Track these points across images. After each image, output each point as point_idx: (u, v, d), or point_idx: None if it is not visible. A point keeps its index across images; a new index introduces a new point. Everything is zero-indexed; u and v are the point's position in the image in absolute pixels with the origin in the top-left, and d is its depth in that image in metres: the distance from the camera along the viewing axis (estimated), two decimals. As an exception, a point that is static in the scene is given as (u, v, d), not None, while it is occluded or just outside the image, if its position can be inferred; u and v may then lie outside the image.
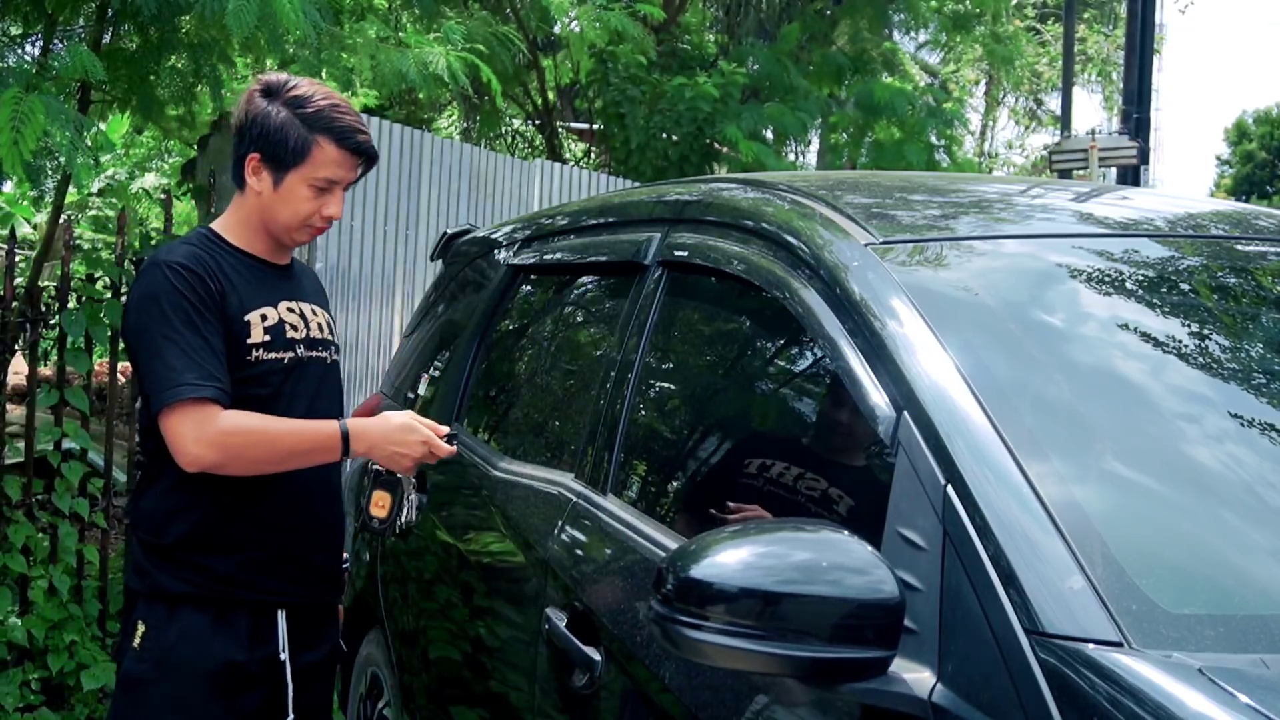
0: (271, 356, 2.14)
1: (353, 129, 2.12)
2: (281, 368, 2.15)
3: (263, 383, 2.13)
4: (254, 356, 2.12)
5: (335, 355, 2.30)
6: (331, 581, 2.31)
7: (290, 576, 2.20)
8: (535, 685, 2.02)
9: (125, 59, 4.70)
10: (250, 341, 2.12)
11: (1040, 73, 21.31)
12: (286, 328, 2.18)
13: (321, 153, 2.11)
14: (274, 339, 2.15)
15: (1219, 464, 1.47)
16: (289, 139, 2.10)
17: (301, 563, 2.22)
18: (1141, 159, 13.16)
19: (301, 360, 2.19)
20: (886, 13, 11.41)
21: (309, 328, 2.23)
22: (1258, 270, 1.87)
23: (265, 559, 2.16)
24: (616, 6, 8.31)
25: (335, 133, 2.11)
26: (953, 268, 1.76)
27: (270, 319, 2.16)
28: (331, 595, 2.33)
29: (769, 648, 1.26)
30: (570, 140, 13.51)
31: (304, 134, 2.10)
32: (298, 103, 2.11)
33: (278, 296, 2.19)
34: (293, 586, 2.20)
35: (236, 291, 2.12)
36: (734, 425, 1.94)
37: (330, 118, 2.11)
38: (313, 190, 2.13)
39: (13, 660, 3.83)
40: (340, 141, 2.11)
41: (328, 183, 2.13)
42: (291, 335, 2.18)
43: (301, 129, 2.10)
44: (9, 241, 4.03)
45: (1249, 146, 30.82)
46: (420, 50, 5.16)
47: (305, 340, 2.21)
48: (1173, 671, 1.13)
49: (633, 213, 2.45)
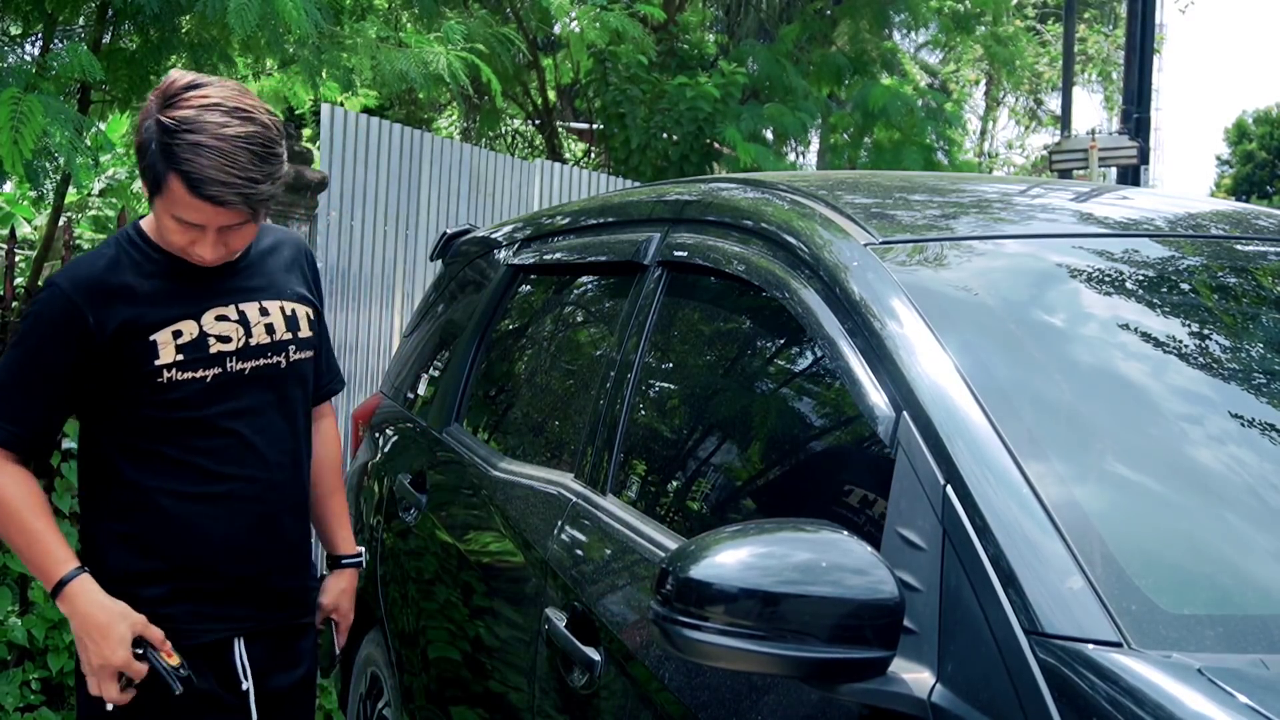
0: (188, 376, 1.94)
1: (205, 178, 1.78)
2: (204, 386, 1.95)
3: (183, 405, 1.94)
4: (165, 378, 1.93)
5: (299, 353, 2.08)
6: (297, 604, 2.16)
7: (247, 605, 2.05)
8: (535, 685, 2.02)
9: (125, 59, 4.69)
10: (159, 363, 1.92)
11: (1040, 73, 21.31)
12: (211, 341, 1.96)
13: (173, 193, 1.82)
14: (190, 356, 1.94)
15: (1219, 464, 1.47)
16: (148, 166, 1.83)
17: (259, 590, 2.06)
18: (1141, 159, 13.17)
19: (234, 374, 1.98)
20: (886, 13, 11.41)
21: (250, 334, 2.00)
22: (1258, 270, 1.86)
23: (216, 590, 2.01)
24: (616, 6, 8.31)
25: (185, 177, 1.79)
26: (952, 268, 1.76)
27: (187, 334, 1.94)
28: (297, 618, 2.16)
29: (769, 648, 1.26)
30: (570, 140, 13.51)
31: (160, 165, 1.81)
32: (168, 128, 1.80)
33: (206, 304, 1.97)
34: (250, 614, 2.06)
35: (144, 308, 1.93)
36: (733, 425, 1.94)
37: (184, 158, 1.78)
38: (177, 224, 1.87)
39: (13, 660, 3.83)
40: (190, 188, 1.80)
41: (188, 225, 1.86)
42: (218, 349, 1.97)
43: (160, 159, 1.81)
44: (9, 241, 4.03)
45: (1249, 146, 30.82)
46: (421, 50, 5.16)
47: (240, 350, 1.99)
48: (1172, 672, 1.13)
49: (633, 213, 2.45)
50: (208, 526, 1.98)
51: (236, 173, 1.80)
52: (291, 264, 2.13)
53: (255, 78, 6.81)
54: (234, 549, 2.01)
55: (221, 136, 1.79)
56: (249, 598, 2.05)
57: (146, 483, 1.98)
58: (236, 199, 1.81)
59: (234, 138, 1.80)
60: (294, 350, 2.08)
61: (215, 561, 2.00)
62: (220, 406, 1.98)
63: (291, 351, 2.07)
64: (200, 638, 2.01)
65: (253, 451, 2.02)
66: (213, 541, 1.99)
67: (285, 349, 2.06)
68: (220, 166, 1.79)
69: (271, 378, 2.04)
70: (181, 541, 1.98)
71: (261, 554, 2.05)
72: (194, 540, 1.98)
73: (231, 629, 2.04)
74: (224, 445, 1.99)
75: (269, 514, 2.04)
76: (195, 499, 1.98)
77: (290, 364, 2.07)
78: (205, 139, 1.79)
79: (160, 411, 1.95)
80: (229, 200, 1.81)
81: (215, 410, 1.97)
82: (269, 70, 6.40)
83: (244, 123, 1.82)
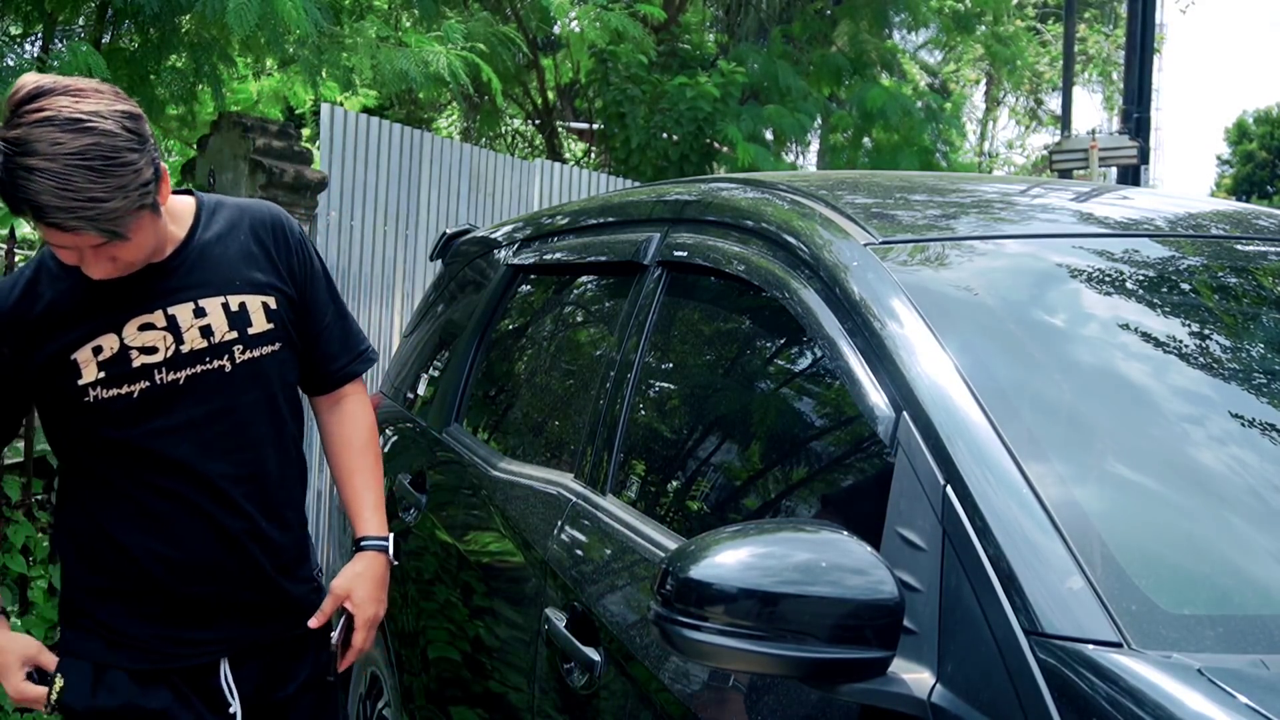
0: (113, 394, 1.81)
1: (44, 206, 1.60)
2: (133, 403, 1.82)
3: (115, 423, 1.82)
4: (91, 397, 1.81)
5: (250, 351, 1.89)
6: (292, 614, 2.01)
7: (222, 625, 1.92)
8: (535, 685, 2.02)
9: (125, 58, 4.70)
10: (81, 382, 1.80)
11: (1040, 72, 21.32)
12: (133, 354, 1.81)
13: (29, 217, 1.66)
14: (112, 373, 1.81)
15: (1219, 464, 1.47)
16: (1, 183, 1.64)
17: (232, 607, 1.92)
18: (1141, 159, 13.19)
19: (165, 386, 1.83)
20: (886, 13, 11.42)
21: (181, 340, 1.83)
22: (1258, 270, 1.86)
23: (179, 611, 1.89)
24: (617, 6, 8.31)
25: (27, 205, 1.62)
26: (952, 268, 1.76)
27: (108, 349, 1.80)
28: (295, 628, 2.01)
29: (768, 648, 1.25)
30: (570, 140, 13.51)
31: (6, 190, 1.64)
32: (4, 151, 1.61)
33: (128, 313, 1.82)
34: (230, 635, 1.93)
35: (62, 329, 1.81)
36: (733, 425, 1.94)
37: (20, 184, 1.60)
38: (56, 246, 1.72)
39: (12, 660, 3.83)
40: (36, 217, 1.63)
41: (58, 246, 1.71)
42: (143, 361, 1.81)
43: (4, 183, 1.63)
44: (9, 241, 4.03)
45: (1249, 146, 30.83)
46: (421, 50, 5.16)
47: (171, 360, 1.83)
48: (1172, 672, 1.13)
49: (632, 213, 2.45)
50: (153, 546, 1.86)
51: (72, 195, 1.60)
52: (246, 249, 1.92)
53: (255, 77, 6.81)
54: (188, 568, 1.88)
55: (52, 156, 1.59)
56: (222, 617, 1.92)
57: (90, 503, 1.89)
58: (80, 223, 1.62)
59: (67, 155, 1.60)
60: (241, 350, 1.88)
61: (169, 582, 1.87)
62: (155, 423, 1.83)
63: (238, 352, 1.88)
64: (177, 662, 1.91)
65: (199, 466, 1.86)
66: (161, 562, 1.87)
67: (228, 351, 1.87)
68: (54, 190, 1.59)
69: (215, 385, 1.86)
70: (129, 561, 1.87)
71: (222, 571, 1.90)
72: (141, 561, 1.87)
73: (212, 652, 1.93)
74: (162, 463, 1.85)
75: (226, 528, 1.88)
76: (138, 518, 1.87)
77: (239, 365, 1.88)
78: (37, 161, 1.59)
79: (93, 432, 1.84)
80: (72, 225, 1.63)
81: (150, 427, 1.83)
82: (269, 70, 6.41)
83: (78, 134, 1.61)
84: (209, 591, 1.90)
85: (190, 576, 1.89)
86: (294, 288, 1.97)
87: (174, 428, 1.84)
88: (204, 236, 1.90)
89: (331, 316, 2.04)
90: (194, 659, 1.92)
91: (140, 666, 1.90)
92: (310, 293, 2.00)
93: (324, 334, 2.03)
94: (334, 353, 2.05)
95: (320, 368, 2.05)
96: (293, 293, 1.97)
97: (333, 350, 2.05)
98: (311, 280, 2.01)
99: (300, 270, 1.99)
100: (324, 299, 2.03)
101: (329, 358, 2.05)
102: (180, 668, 1.91)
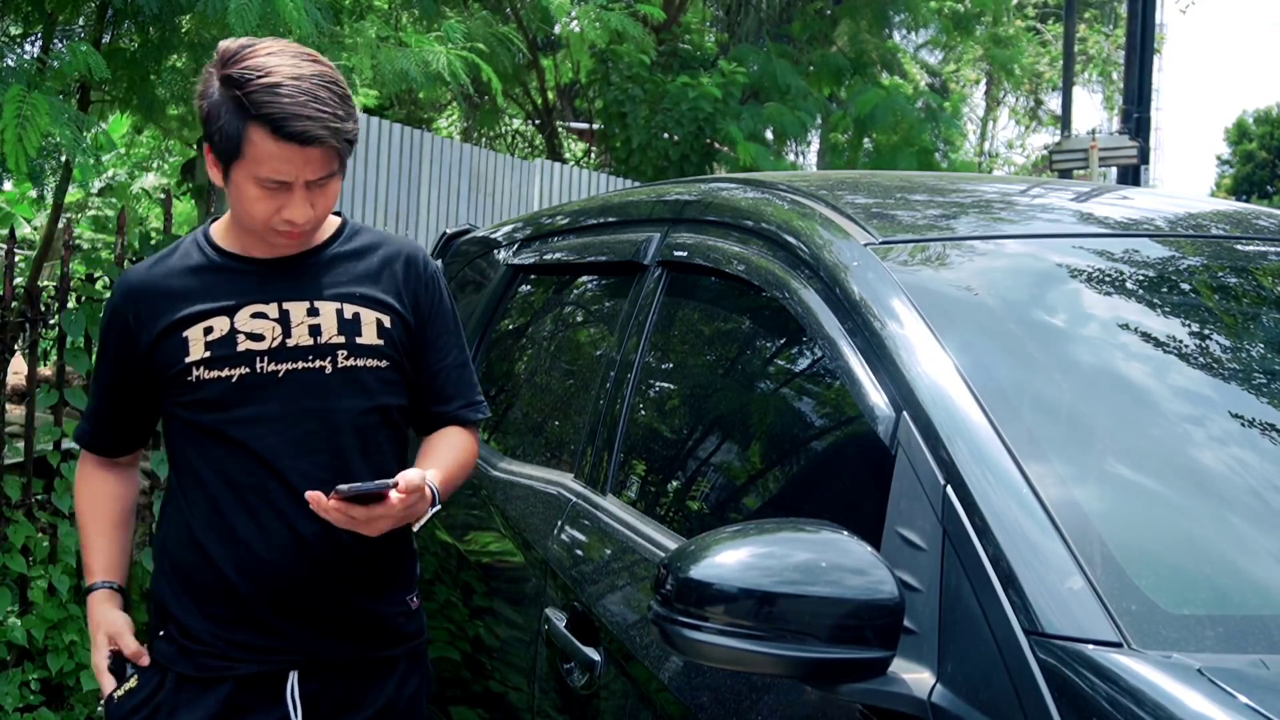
0: (214, 375, 1.82)
1: (289, 114, 1.69)
2: (231, 386, 1.82)
3: (210, 407, 1.83)
4: (194, 376, 1.83)
5: (353, 360, 1.87)
6: (368, 635, 1.91)
7: (288, 635, 1.86)
8: (535, 685, 2.02)
9: (125, 59, 4.70)
10: (188, 360, 1.83)
11: (1040, 73, 21.33)
12: (239, 338, 1.83)
13: (255, 147, 1.71)
14: (217, 354, 1.83)
15: (1219, 464, 1.47)
16: (224, 128, 1.73)
17: (301, 617, 1.86)
18: (1141, 159, 13.20)
19: (264, 375, 1.83)
20: (886, 13, 11.42)
21: (288, 334, 1.84)
22: (1258, 270, 1.86)
23: (243, 615, 1.85)
24: (617, 7, 8.32)
25: (268, 121, 1.69)
26: (952, 268, 1.76)
27: (217, 331, 1.83)
28: (370, 651, 1.91)
29: (768, 648, 1.25)
30: (570, 140, 13.52)
31: (236, 122, 1.71)
32: (237, 80, 1.70)
33: (245, 300, 1.85)
34: (297, 646, 1.87)
35: (183, 306, 1.85)
36: (733, 425, 1.94)
37: (263, 101, 1.69)
38: (261, 189, 1.75)
39: (12, 660, 3.82)
40: (275, 131, 1.69)
41: (274, 182, 1.74)
42: (248, 347, 1.83)
43: (234, 116, 1.71)
44: (9, 241, 4.03)
45: (1249, 146, 30.84)
46: (421, 50, 5.16)
47: (274, 351, 1.83)
48: (1172, 672, 1.13)
49: (632, 213, 2.45)
50: (226, 543, 1.84)
51: (319, 107, 1.71)
52: (375, 268, 1.93)
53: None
54: (256, 567, 1.83)
55: (296, 75, 1.71)
56: (291, 626, 1.85)
57: (182, 503, 1.90)
58: (325, 133, 1.71)
59: (309, 75, 1.72)
60: (345, 356, 1.86)
61: (237, 581, 1.84)
62: (247, 410, 1.83)
63: (341, 357, 1.85)
64: (239, 667, 1.85)
65: (282, 462, 1.83)
66: (231, 560, 1.84)
67: (332, 354, 1.85)
68: (302, 103, 1.69)
69: (312, 384, 1.85)
70: (203, 559, 1.86)
71: (292, 576, 1.84)
72: (214, 559, 1.85)
73: (278, 662, 1.86)
74: (248, 455, 1.84)
75: (300, 532, 1.83)
76: (216, 515, 1.85)
77: (339, 370, 1.85)
78: (280, 79, 1.70)
79: (190, 414, 1.85)
80: (317, 135, 1.70)
81: (242, 414, 1.83)
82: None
83: (312, 63, 1.76)
84: (276, 595, 1.84)
85: (258, 577, 1.84)
86: (415, 317, 1.95)
87: (265, 418, 1.83)
88: (339, 249, 1.94)
89: (453, 361, 1.99)
90: (257, 665, 1.85)
91: (205, 674, 1.86)
92: (433, 328, 1.97)
93: (441, 374, 1.97)
94: (448, 394, 1.98)
95: (431, 406, 1.98)
96: (412, 320, 1.94)
97: (447, 392, 1.98)
98: (437, 316, 1.98)
99: (425, 303, 1.96)
100: (447, 341, 1.99)
101: (442, 398, 1.98)
102: (244, 675, 1.85)
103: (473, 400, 2.01)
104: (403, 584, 1.96)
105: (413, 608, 1.98)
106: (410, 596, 1.98)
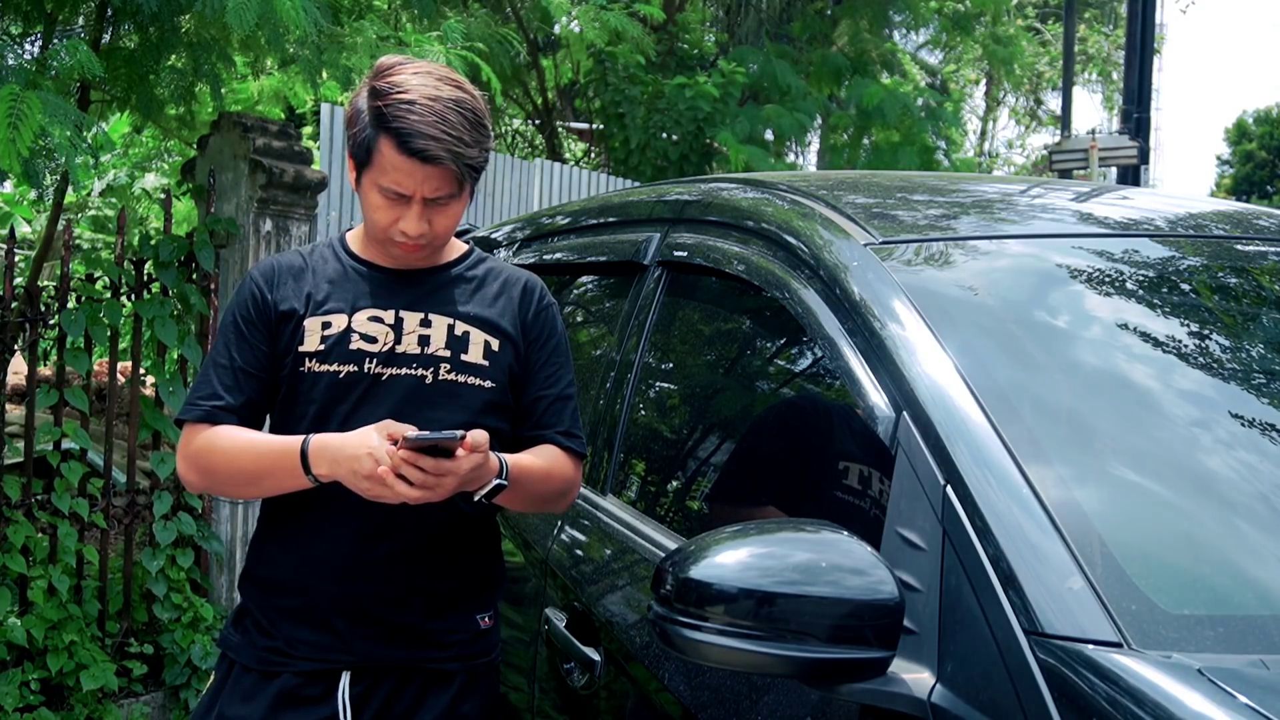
0: (324, 369, 1.87)
1: (415, 132, 1.77)
2: (338, 382, 1.86)
3: (317, 401, 1.87)
4: (306, 367, 1.88)
5: (454, 374, 1.88)
6: (423, 644, 1.90)
7: (346, 633, 1.87)
8: (535, 685, 2.02)
9: (125, 58, 4.70)
10: (302, 349, 1.88)
11: (1040, 72, 21.33)
12: (354, 337, 1.88)
13: (382, 156, 1.80)
14: (331, 349, 1.87)
15: (1219, 465, 1.47)
16: (359, 135, 1.84)
17: (360, 616, 1.87)
18: (1141, 159, 13.21)
19: (371, 376, 1.86)
20: (886, 13, 11.42)
21: (399, 340, 1.88)
22: (1258, 270, 1.86)
23: (307, 609, 1.87)
24: (616, 6, 8.32)
25: (395, 134, 1.78)
26: (952, 268, 1.76)
27: (335, 327, 1.88)
28: (425, 662, 1.90)
29: (768, 648, 1.26)
30: (570, 140, 13.52)
31: (371, 131, 1.82)
32: (379, 92, 1.82)
33: (367, 303, 1.91)
34: (352, 646, 1.87)
35: (312, 295, 1.91)
36: (733, 425, 1.94)
37: (395, 115, 1.78)
38: (383, 198, 1.83)
39: (12, 660, 3.83)
40: (400, 145, 1.78)
41: (394, 193, 1.82)
42: (360, 347, 1.87)
43: (370, 125, 1.82)
44: (9, 241, 4.03)
45: (1249, 146, 30.83)
46: (420, 49, 5.15)
47: (385, 354, 1.87)
48: (1172, 672, 1.13)
49: (633, 213, 2.45)
50: (306, 534, 1.89)
51: (446, 129, 1.79)
52: (492, 293, 1.97)
53: (255, 77, 6.81)
54: (326, 563, 1.87)
55: (433, 97, 1.80)
56: (345, 625, 1.87)
57: (276, 501, 1.92)
58: (445, 155, 1.78)
59: (445, 99, 1.81)
60: (448, 369, 1.89)
61: (299, 577, 1.88)
62: (344, 407, 1.86)
63: (444, 369, 1.88)
64: (299, 664, 1.88)
65: None
66: (306, 552, 1.88)
67: (435, 365, 1.88)
68: (430, 123, 1.78)
69: (411, 391, 1.87)
70: (279, 553, 1.91)
71: (360, 574, 1.86)
72: (286, 553, 1.90)
73: (331, 660, 1.87)
74: None
75: (373, 531, 1.86)
76: (292, 509, 1.89)
77: (439, 382, 1.88)
78: (416, 97, 1.80)
79: (299, 406, 1.88)
80: (438, 156, 1.78)
81: (343, 410, 1.86)
82: (269, 70, 6.40)
83: (452, 88, 1.84)
84: (339, 590, 1.87)
85: (320, 573, 1.87)
86: (525, 345, 1.97)
87: (359, 418, 1.84)
88: (461, 271, 1.99)
89: (558, 392, 1.98)
90: (311, 663, 1.87)
91: (265, 668, 1.89)
92: (540, 358, 1.98)
93: (543, 401, 1.97)
94: (548, 422, 1.97)
95: (528, 431, 1.97)
96: (522, 347, 1.96)
97: (548, 420, 1.97)
98: (546, 346, 1.99)
99: (536, 333, 1.98)
100: (555, 373, 1.99)
101: (541, 424, 1.97)
102: (299, 671, 1.87)
103: (572, 431, 1.98)
104: (475, 605, 1.95)
105: (482, 627, 1.95)
106: (483, 616, 1.96)
